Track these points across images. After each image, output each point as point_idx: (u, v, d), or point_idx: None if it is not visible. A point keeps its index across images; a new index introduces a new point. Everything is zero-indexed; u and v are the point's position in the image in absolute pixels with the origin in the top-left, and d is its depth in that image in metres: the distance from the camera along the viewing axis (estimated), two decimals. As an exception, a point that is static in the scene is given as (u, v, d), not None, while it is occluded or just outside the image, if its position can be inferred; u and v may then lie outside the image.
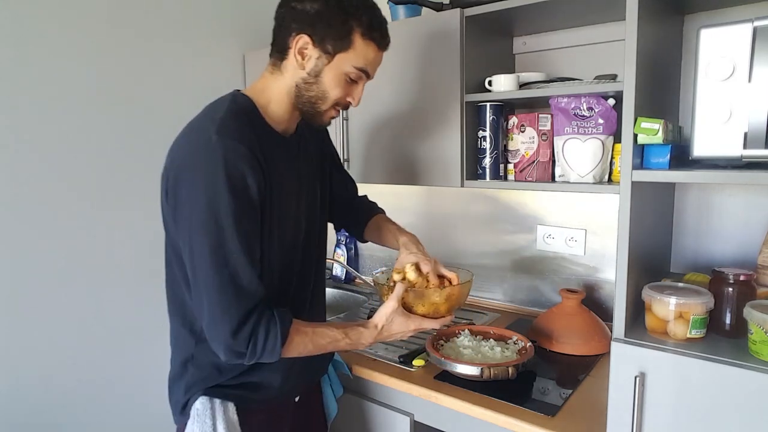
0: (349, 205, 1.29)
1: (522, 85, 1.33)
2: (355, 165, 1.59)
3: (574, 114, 1.22)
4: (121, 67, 1.49)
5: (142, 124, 1.55)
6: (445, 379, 1.21)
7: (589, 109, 1.21)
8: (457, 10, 1.30)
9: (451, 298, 1.07)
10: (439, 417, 1.21)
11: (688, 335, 0.93)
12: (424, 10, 1.50)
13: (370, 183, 1.54)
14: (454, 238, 1.81)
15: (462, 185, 1.38)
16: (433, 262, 1.10)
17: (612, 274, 1.45)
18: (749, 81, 0.82)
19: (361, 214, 1.29)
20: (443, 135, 1.38)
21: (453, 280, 1.10)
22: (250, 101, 0.97)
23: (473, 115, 1.36)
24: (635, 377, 0.90)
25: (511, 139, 1.36)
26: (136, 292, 1.56)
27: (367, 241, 1.29)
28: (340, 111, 1.04)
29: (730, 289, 0.94)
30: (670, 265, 1.36)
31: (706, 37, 0.84)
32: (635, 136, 0.94)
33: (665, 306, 0.94)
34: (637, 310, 1.01)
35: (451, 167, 1.38)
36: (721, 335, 0.95)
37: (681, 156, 0.97)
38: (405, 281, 1.07)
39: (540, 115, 1.30)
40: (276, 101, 0.98)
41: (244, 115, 0.94)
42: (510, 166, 1.37)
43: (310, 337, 0.96)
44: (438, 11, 1.38)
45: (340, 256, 2.09)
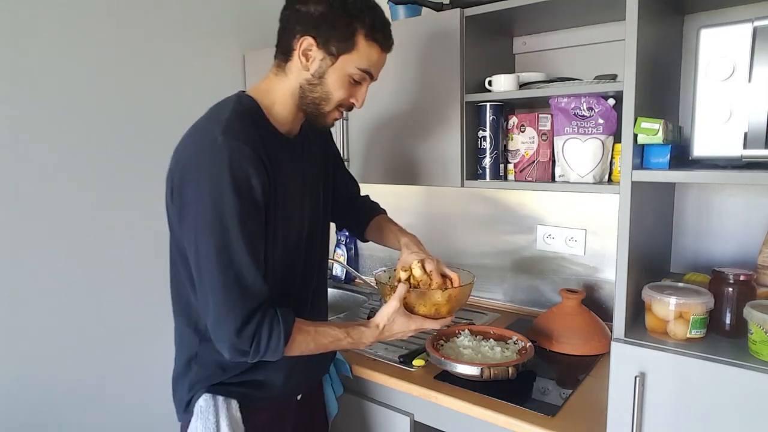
0: (351, 205, 1.30)
1: (522, 85, 1.33)
2: (355, 165, 1.59)
3: (574, 114, 1.22)
4: (121, 67, 1.49)
5: (142, 124, 1.55)
6: (445, 379, 1.21)
7: (589, 109, 1.21)
8: (457, 10, 1.30)
9: (453, 299, 1.08)
10: (439, 417, 1.21)
11: (688, 335, 0.93)
12: (424, 10, 1.50)
13: (370, 183, 1.54)
14: (454, 238, 1.81)
15: (462, 185, 1.38)
16: (435, 261, 1.11)
17: (612, 274, 1.45)
18: (749, 81, 0.82)
19: (363, 214, 1.30)
20: (443, 135, 1.38)
21: (455, 280, 1.10)
22: (255, 102, 0.97)
23: (473, 115, 1.36)
24: (635, 377, 0.90)
25: (511, 139, 1.36)
26: (136, 292, 1.57)
27: (368, 241, 1.30)
28: (343, 112, 1.04)
29: (730, 289, 0.94)
30: (670, 265, 1.36)
31: (706, 37, 0.85)
32: (635, 136, 0.94)
33: (665, 306, 0.94)
34: (637, 310, 1.01)
35: (451, 167, 1.38)
36: (721, 335, 0.95)
37: (681, 156, 0.98)
38: (411, 278, 1.08)
39: (540, 115, 1.30)
40: (280, 102, 0.99)
41: (248, 117, 0.94)
42: (510, 166, 1.37)
43: (313, 336, 0.97)
44: (438, 11, 1.38)
45: (340, 256, 2.09)
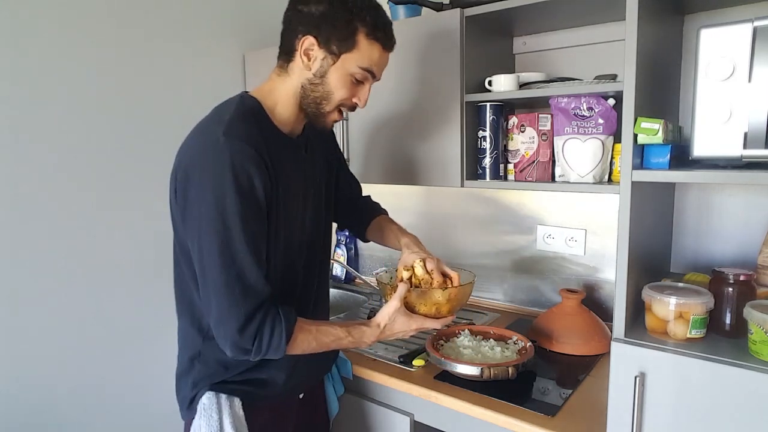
0: (353, 205, 1.30)
1: (522, 85, 1.33)
2: (355, 165, 1.59)
3: (574, 114, 1.22)
4: (121, 67, 1.49)
5: (142, 124, 1.55)
6: (445, 379, 1.21)
7: (589, 109, 1.21)
8: (457, 10, 1.30)
9: (454, 298, 1.08)
10: (439, 417, 1.21)
11: (688, 335, 0.93)
12: (424, 10, 1.50)
13: (370, 183, 1.54)
14: (454, 238, 1.81)
15: (462, 185, 1.38)
16: (436, 261, 1.11)
17: (612, 274, 1.45)
18: (749, 81, 0.82)
19: (365, 214, 1.30)
20: (443, 135, 1.38)
21: (455, 280, 1.10)
22: (258, 103, 0.98)
23: (473, 115, 1.36)
24: (635, 377, 0.90)
25: (511, 139, 1.36)
26: (136, 292, 1.57)
27: (369, 241, 1.30)
28: (345, 114, 1.05)
29: (730, 289, 0.94)
30: (670, 265, 1.36)
31: (706, 37, 0.84)
32: (635, 136, 0.94)
33: (665, 306, 0.94)
34: (637, 310, 1.01)
35: (451, 167, 1.38)
36: (721, 335, 0.95)
37: (681, 156, 0.98)
38: (413, 277, 1.08)
39: (540, 115, 1.30)
40: (283, 103, 0.99)
41: (251, 117, 0.94)
42: (510, 166, 1.37)
43: (314, 335, 0.97)
44: (438, 11, 1.38)
45: (340, 256, 2.09)
